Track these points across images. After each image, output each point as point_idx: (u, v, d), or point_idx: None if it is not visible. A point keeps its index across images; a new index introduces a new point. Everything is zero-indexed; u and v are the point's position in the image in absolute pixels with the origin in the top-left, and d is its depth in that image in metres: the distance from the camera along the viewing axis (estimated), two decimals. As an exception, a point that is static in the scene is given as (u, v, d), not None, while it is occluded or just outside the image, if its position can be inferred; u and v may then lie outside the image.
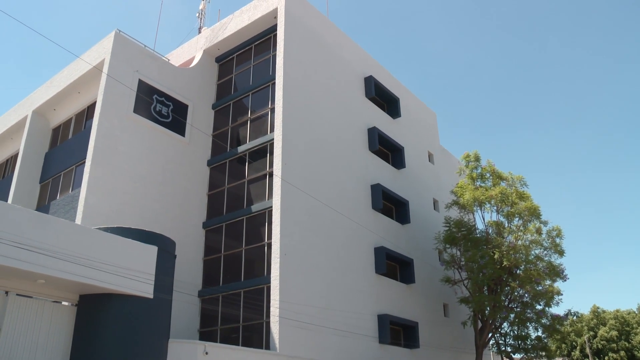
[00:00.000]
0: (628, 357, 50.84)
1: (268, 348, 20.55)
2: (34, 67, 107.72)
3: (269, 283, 21.55)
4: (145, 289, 16.36)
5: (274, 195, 22.82)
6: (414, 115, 35.48)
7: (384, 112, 32.22)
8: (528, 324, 28.29)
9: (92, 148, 22.65)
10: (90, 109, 26.05)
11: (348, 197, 26.43)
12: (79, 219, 21.09)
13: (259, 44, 28.39)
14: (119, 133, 23.73)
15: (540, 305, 27.77)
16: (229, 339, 22.62)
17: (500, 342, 29.74)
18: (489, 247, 26.94)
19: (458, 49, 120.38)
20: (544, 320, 27.88)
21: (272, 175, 23.71)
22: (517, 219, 27.94)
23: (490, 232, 28.26)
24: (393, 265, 28.57)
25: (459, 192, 29.02)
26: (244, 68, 28.68)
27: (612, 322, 52.83)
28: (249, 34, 28.45)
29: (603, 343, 51.92)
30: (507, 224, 28.14)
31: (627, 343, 51.44)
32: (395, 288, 27.68)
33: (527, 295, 27.35)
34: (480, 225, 29.56)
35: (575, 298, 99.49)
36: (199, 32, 33.28)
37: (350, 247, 25.44)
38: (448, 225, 28.73)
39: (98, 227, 17.42)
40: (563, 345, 52.78)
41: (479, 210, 28.93)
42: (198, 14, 34.83)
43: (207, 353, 17.25)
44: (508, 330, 29.80)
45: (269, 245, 22.71)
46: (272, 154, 24.46)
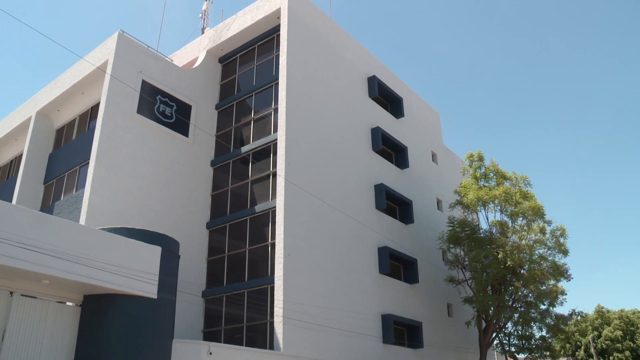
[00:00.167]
0: (633, 357, 50.65)
1: (272, 348, 20.55)
2: (38, 68, 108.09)
3: (273, 283, 21.55)
4: (149, 289, 16.37)
5: (278, 196, 22.83)
6: (418, 115, 35.45)
7: (388, 112, 32.21)
8: (532, 324, 28.27)
9: (95, 149, 22.69)
10: (94, 110, 26.10)
11: (352, 197, 26.42)
12: (83, 220, 21.13)
13: (262, 45, 28.40)
14: (123, 134, 23.77)
15: (545, 305, 27.75)
16: (233, 339, 22.64)
17: (504, 342, 29.71)
18: (493, 246, 26.91)
19: (461, 49, 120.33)
20: (548, 320, 27.84)
21: (275, 176, 23.72)
22: (520, 219, 27.92)
23: (494, 231, 28.23)
24: (397, 265, 28.55)
25: (463, 191, 29.01)
26: (247, 68, 28.70)
27: (616, 322, 52.65)
28: (252, 35, 28.47)
29: (607, 343, 51.75)
30: (510, 224, 28.12)
31: (632, 343, 51.25)
32: (399, 288, 27.65)
33: (531, 295, 27.30)
34: (484, 225, 29.58)
35: (580, 298, 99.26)
36: (202, 32, 33.31)
37: (354, 247, 25.43)
38: (452, 225, 28.71)
39: (102, 227, 17.44)
40: (567, 345, 52.63)
41: (483, 210, 28.94)
42: (201, 15, 34.87)
43: (211, 353, 17.25)
44: (512, 330, 29.80)
45: (273, 246, 22.72)
46: (275, 154, 24.47)
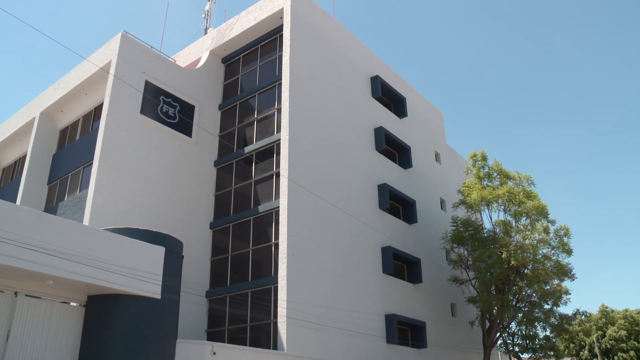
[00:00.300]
0: (638, 357, 50.45)
1: (275, 348, 20.56)
2: (42, 69, 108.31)
3: (276, 283, 21.56)
4: (153, 290, 16.40)
5: (281, 196, 22.83)
6: (421, 115, 35.42)
7: (391, 111, 32.18)
8: (536, 324, 28.19)
9: (99, 149, 22.72)
10: (98, 111, 26.14)
11: (355, 197, 26.41)
12: (87, 220, 21.17)
13: (265, 45, 28.41)
14: (126, 134, 23.81)
15: (548, 305, 27.67)
16: (237, 339, 22.64)
17: (508, 341, 29.65)
18: (497, 246, 26.86)
19: (464, 49, 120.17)
20: (552, 320, 27.76)
21: (279, 176, 23.72)
22: (524, 218, 27.85)
23: (498, 231, 28.18)
24: (400, 265, 28.52)
25: (466, 191, 28.96)
26: (250, 68, 28.71)
27: (621, 321, 52.48)
28: (255, 35, 28.49)
29: (612, 343, 51.59)
30: (514, 223, 28.07)
31: (636, 343, 51.05)
32: (403, 288, 27.63)
33: (535, 295, 27.24)
34: (488, 225, 29.52)
35: (584, 297, 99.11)
36: (205, 33, 33.33)
37: (357, 247, 25.42)
38: (455, 225, 28.67)
39: (106, 228, 17.47)
40: (571, 345, 52.47)
41: (486, 210, 28.86)
42: (204, 15, 34.88)
43: (214, 353, 17.27)
44: (516, 330, 29.71)
45: (276, 246, 22.72)
46: (278, 154, 24.48)
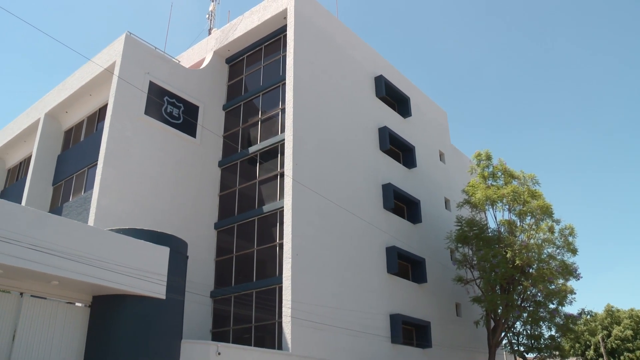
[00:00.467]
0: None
1: (280, 348, 20.56)
2: (46, 70, 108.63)
3: (281, 283, 21.56)
4: (158, 290, 16.43)
5: (285, 196, 22.84)
6: (425, 115, 35.38)
7: (395, 111, 32.16)
8: (541, 323, 28.16)
9: (103, 150, 22.77)
10: (102, 111, 26.21)
11: (359, 196, 26.40)
12: (92, 221, 21.23)
13: (269, 45, 28.43)
14: (131, 135, 23.85)
15: (554, 304, 27.63)
16: (242, 340, 22.67)
17: (513, 341, 29.62)
18: (501, 246, 26.82)
19: (468, 48, 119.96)
20: (557, 320, 27.72)
21: (283, 176, 23.73)
22: (529, 218, 27.80)
23: (503, 231, 28.13)
24: (405, 265, 28.50)
25: (471, 191, 28.92)
26: (254, 69, 28.73)
27: (626, 321, 52.28)
28: (259, 35, 28.50)
29: (617, 342, 51.40)
30: (519, 223, 28.01)
31: (642, 343, 50.89)
32: (407, 288, 27.60)
33: (540, 294, 27.20)
34: (492, 224, 29.48)
35: (589, 297, 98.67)
36: (209, 33, 33.37)
37: (362, 246, 25.41)
38: (460, 225, 28.64)
39: (110, 228, 17.51)
40: (577, 345, 52.32)
41: (491, 209, 28.86)
42: (208, 16, 34.91)
43: (219, 353, 17.29)
44: (521, 330, 29.69)
45: (281, 246, 22.74)
46: (283, 155, 24.49)
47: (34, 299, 15.15)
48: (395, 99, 32.76)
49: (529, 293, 27.49)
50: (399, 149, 31.55)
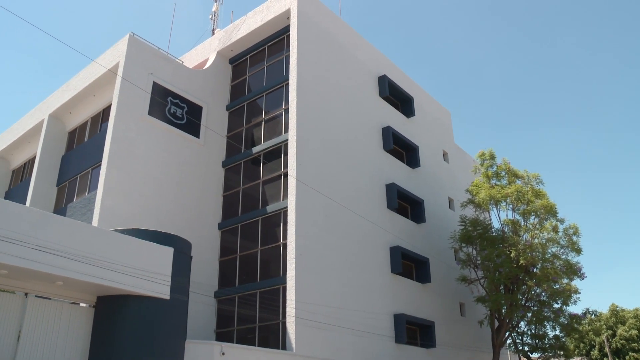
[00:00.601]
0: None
1: (284, 348, 20.57)
2: (50, 71, 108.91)
3: (285, 283, 21.58)
4: (162, 290, 16.46)
5: (289, 196, 22.84)
6: (428, 114, 35.35)
7: (398, 111, 32.13)
8: (545, 323, 28.09)
9: (107, 151, 22.81)
10: (106, 112, 26.25)
11: (363, 196, 26.39)
12: (96, 221, 21.26)
13: (272, 45, 28.43)
14: (134, 135, 23.89)
15: (558, 304, 27.55)
16: (246, 340, 22.68)
17: (518, 341, 29.58)
18: (505, 245, 26.77)
19: (471, 47, 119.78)
20: (562, 319, 27.64)
21: (287, 176, 23.73)
22: (533, 217, 27.75)
23: (507, 230, 28.08)
24: (409, 265, 28.47)
25: (475, 190, 28.88)
26: (258, 69, 28.74)
27: (631, 321, 52.09)
28: (262, 35, 28.51)
29: (622, 342, 51.22)
30: (523, 222, 27.97)
31: (647, 342, 50.69)
32: (411, 287, 27.58)
33: (544, 294, 27.14)
34: (496, 224, 29.45)
35: (594, 297, 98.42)
36: (212, 34, 33.39)
37: (366, 246, 25.40)
38: (464, 224, 28.61)
39: (114, 229, 17.55)
40: (581, 345, 52.17)
41: (495, 209, 28.79)
42: (211, 16, 34.94)
43: (223, 354, 17.30)
44: (525, 330, 29.64)
45: (285, 246, 22.74)
46: (286, 155, 24.49)
47: (39, 300, 15.19)
48: (399, 99, 32.73)
49: (533, 293, 27.43)
50: (403, 149, 31.53)
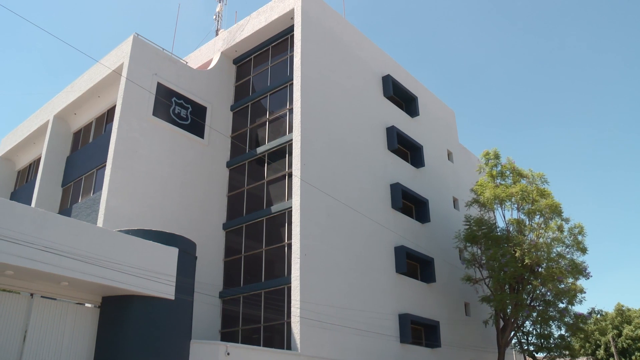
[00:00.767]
0: (655, 356, 49.93)
1: (289, 348, 20.57)
2: (55, 72, 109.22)
3: (290, 283, 21.58)
4: (167, 291, 16.50)
5: (294, 196, 22.85)
6: (433, 114, 35.30)
7: (403, 110, 32.10)
8: (551, 323, 27.99)
9: (112, 151, 22.87)
10: (110, 113, 26.33)
11: (367, 196, 26.37)
12: (101, 222, 21.32)
13: (276, 45, 28.45)
14: (139, 136, 23.94)
15: (563, 304, 27.46)
16: (250, 340, 22.71)
17: (523, 341, 29.48)
18: (510, 245, 26.71)
19: (476, 47, 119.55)
20: (567, 319, 27.55)
21: (291, 176, 23.74)
22: (538, 217, 27.67)
23: (511, 230, 28.01)
24: (413, 265, 28.44)
25: (479, 190, 28.82)
26: (262, 69, 28.76)
27: (637, 320, 51.88)
28: (266, 35, 28.53)
29: (628, 342, 51.02)
30: (528, 222, 27.88)
31: (653, 342, 50.49)
32: (416, 287, 27.55)
33: (549, 294, 27.05)
34: (501, 223, 29.36)
35: (599, 296, 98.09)
36: (216, 34, 33.44)
37: (371, 246, 25.38)
38: (468, 224, 28.56)
39: (119, 229, 17.59)
40: (587, 344, 52.00)
41: (500, 208, 28.75)
42: (215, 16, 35.00)
43: (228, 354, 17.33)
44: (530, 329, 29.52)
45: (289, 246, 22.75)
46: (291, 155, 24.50)
47: (44, 300, 15.25)
48: (403, 99, 32.71)
49: (539, 292, 27.35)
50: (407, 149, 31.50)
